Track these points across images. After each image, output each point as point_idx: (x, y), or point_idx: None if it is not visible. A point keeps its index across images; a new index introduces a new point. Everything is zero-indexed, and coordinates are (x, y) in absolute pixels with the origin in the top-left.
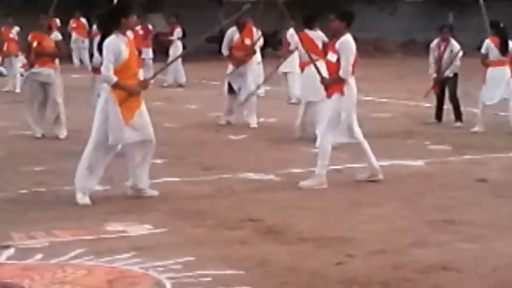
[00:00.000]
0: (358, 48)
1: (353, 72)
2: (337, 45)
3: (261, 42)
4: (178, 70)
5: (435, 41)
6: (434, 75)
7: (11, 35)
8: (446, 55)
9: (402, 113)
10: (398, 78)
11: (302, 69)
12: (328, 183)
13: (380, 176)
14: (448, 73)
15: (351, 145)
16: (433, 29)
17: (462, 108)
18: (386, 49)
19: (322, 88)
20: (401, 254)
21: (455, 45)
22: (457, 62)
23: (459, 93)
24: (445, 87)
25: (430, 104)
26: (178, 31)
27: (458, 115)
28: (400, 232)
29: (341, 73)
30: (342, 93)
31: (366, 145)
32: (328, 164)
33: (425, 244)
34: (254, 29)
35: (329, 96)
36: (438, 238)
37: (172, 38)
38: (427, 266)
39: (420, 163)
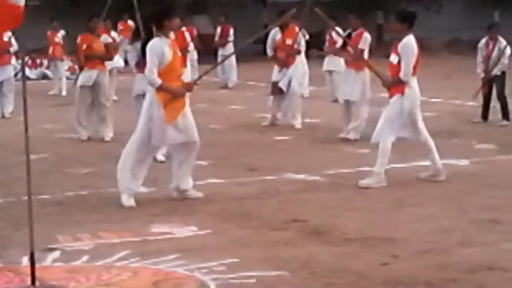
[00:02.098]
0: None
1: (414, 73)
2: (399, 47)
3: (302, 43)
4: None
5: (483, 40)
6: (482, 75)
7: (56, 39)
8: (494, 54)
9: (448, 112)
10: (444, 77)
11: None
12: None
13: (443, 177)
14: (496, 71)
15: (396, 144)
16: (479, 27)
17: (510, 107)
18: (431, 47)
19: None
20: (446, 254)
21: (503, 42)
22: (505, 60)
23: (506, 91)
24: (492, 85)
25: (475, 103)
26: (231, 32)
27: (505, 114)
28: (445, 232)
29: (401, 75)
30: (402, 94)
31: (431, 143)
32: (387, 163)
33: (471, 244)
34: (298, 29)
35: (390, 97)
36: (484, 238)
37: (229, 40)
38: (473, 266)
39: (465, 162)
